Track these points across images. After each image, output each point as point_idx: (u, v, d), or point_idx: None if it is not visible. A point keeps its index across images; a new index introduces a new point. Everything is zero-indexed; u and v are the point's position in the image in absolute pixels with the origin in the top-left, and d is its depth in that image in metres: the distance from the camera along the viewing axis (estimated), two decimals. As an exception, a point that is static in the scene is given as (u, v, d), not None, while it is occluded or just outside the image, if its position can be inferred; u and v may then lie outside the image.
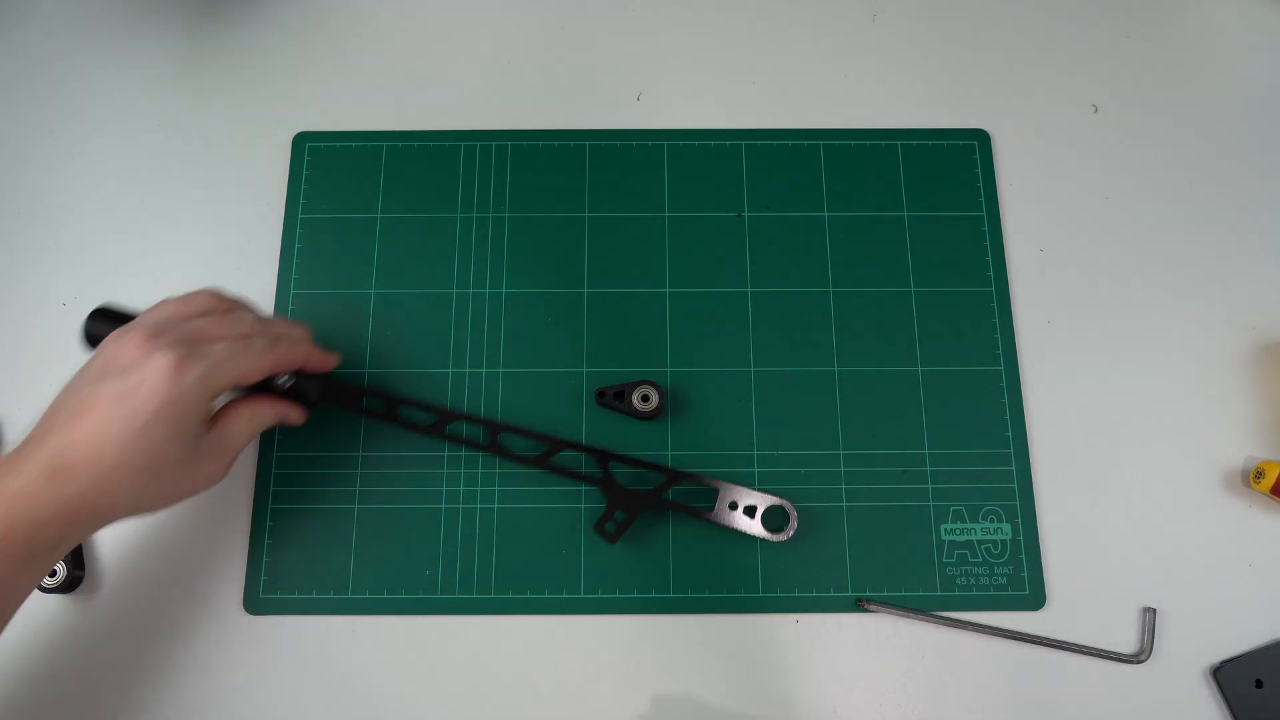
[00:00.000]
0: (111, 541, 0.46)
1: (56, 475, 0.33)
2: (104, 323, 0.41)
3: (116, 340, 0.36)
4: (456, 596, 0.45)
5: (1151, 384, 0.49)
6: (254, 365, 0.38)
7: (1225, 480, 0.47)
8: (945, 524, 0.46)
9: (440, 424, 0.46)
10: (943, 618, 0.45)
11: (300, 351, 0.41)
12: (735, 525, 0.44)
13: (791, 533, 0.44)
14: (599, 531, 0.44)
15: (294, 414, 0.42)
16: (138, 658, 0.44)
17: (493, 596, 0.45)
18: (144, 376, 0.34)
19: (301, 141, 0.53)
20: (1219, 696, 0.44)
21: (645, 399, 0.46)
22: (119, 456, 0.34)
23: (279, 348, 0.40)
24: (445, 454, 0.47)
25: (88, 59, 0.54)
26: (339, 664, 0.44)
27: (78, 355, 0.48)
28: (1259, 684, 0.43)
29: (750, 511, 0.45)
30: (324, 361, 0.43)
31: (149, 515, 0.38)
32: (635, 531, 0.45)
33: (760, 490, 0.45)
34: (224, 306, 0.40)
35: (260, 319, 0.41)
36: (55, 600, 0.45)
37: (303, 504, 0.46)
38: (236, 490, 0.46)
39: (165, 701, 0.43)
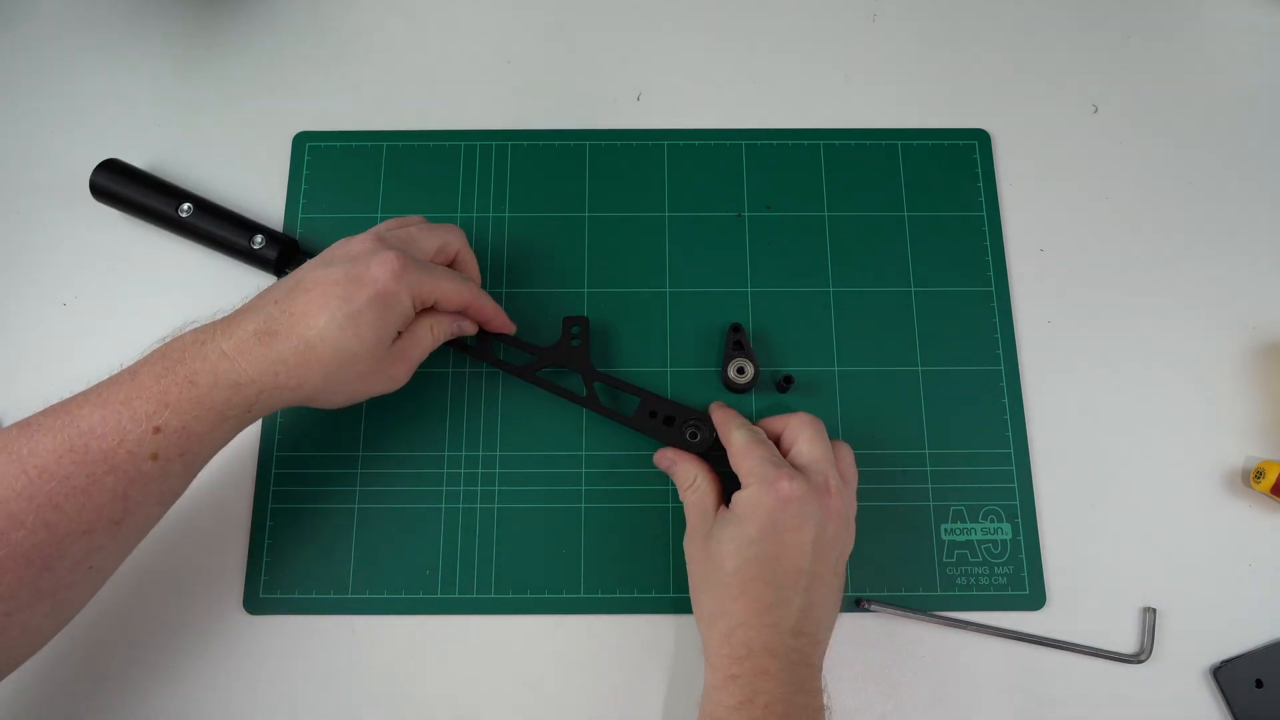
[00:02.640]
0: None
1: (265, 338, 0.36)
2: (111, 175, 0.48)
3: (345, 239, 0.41)
4: (456, 596, 0.45)
5: (1151, 384, 0.49)
6: (459, 293, 0.42)
7: (1225, 480, 0.47)
8: (945, 524, 0.46)
9: (533, 367, 0.47)
10: (943, 618, 0.45)
11: (491, 307, 0.44)
12: None
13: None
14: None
15: (468, 326, 0.45)
16: (138, 657, 0.44)
17: (493, 596, 0.45)
18: (370, 264, 0.38)
19: (302, 141, 0.53)
20: (1219, 696, 0.44)
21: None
22: (325, 330, 0.37)
23: (482, 295, 0.44)
24: (445, 454, 0.47)
25: (88, 59, 0.54)
26: (339, 664, 0.44)
27: (78, 355, 0.49)
28: (1259, 684, 0.43)
29: None
30: (504, 325, 0.45)
31: (327, 408, 0.41)
32: (636, 530, 0.46)
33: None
34: (430, 226, 0.44)
35: (464, 236, 0.45)
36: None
37: (303, 504, 0.46)
38: (236, 490, 0.46)
39: (165, 701, 0.43)
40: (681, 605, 0.45)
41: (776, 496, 0.38)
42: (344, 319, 0.37)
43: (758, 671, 0.37)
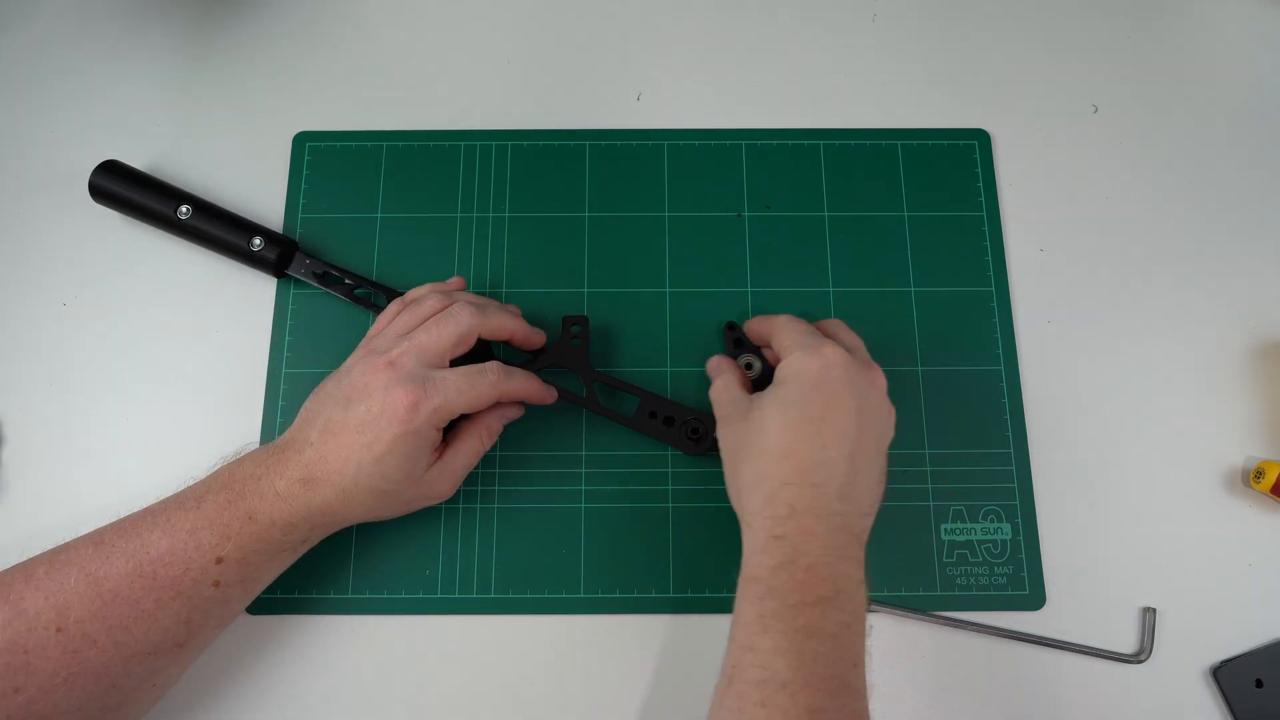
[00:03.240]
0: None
1: (308, 485, 0.38)
2: (109, 176, 0.48)
3: (363, 365, 0.40)
4: (456, 596, 0.45)
5: (1151, 384, 0.49)
6: (483, 398, 0.40)
7: (1225, 480, 0.47)
8: (945, 524, 0.46)
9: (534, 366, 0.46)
10: (943, 618, 0.45)
11: (526, 387, 0.43)
12: None
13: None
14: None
15: (513, 412, 0.44)
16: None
17: (493, 596, 0.45)
18: (383, 409, 0.38)
19: (302, 141, 0.53)
20: (1219, 696, 0.44)
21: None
22: (357, 477, 0.38)
23: (510, 382, 0.42)
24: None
25: (88, 60, 0.54)
26: (339, 664, 0.44)
27: (78, 355, 0.49)
28: (1259, 684, 0.43)
29: None
30: (544, 395, 0.44)
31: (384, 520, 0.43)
32: (636, 530, 0.46)
33: None
34: (445, 305, 0.42)
35: (475, 311, 0.42)
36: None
37: (303, 504, 0.46)
38: (236, 490, 0.46)
39: (165, 699, 0.43)
40: (681, 605, 0.45)
41: (821, 360, 0.39)
42: (371, 465, 0.38)
43: (801, 532, 0.36)
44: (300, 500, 0.38)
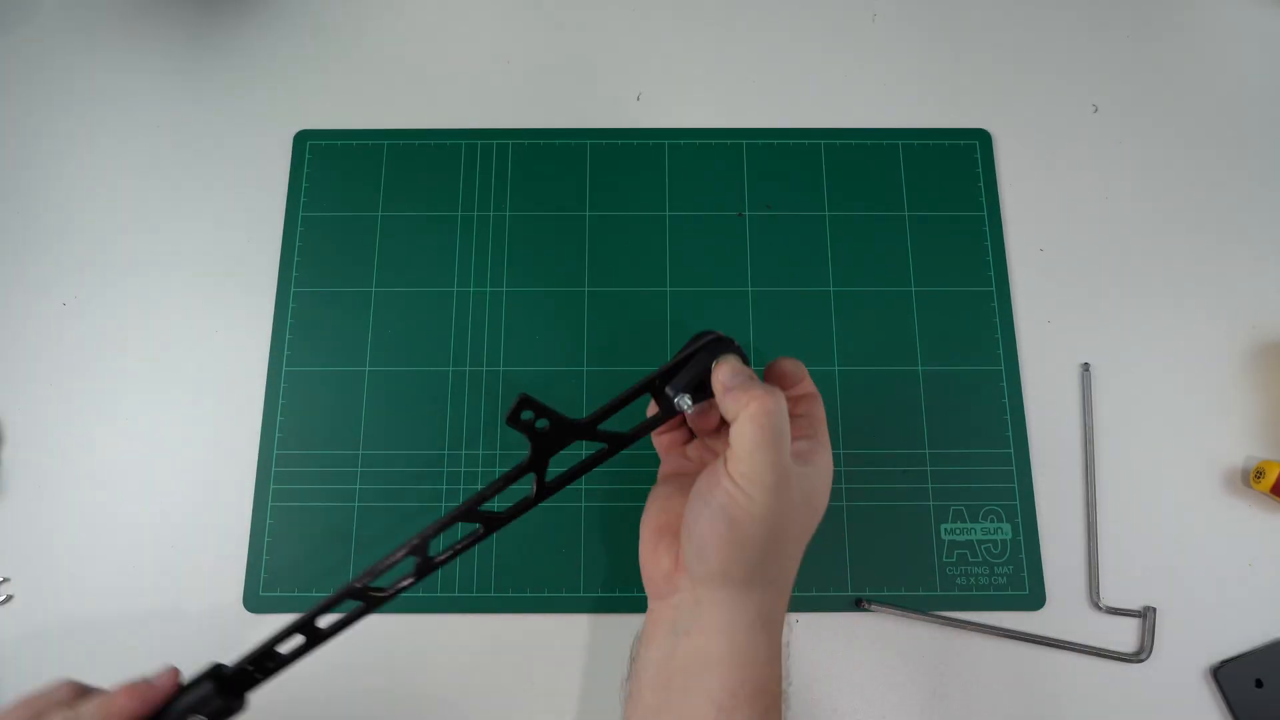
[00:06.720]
0: (114, 535, 0.46)
1: None
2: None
3: None
4: (456, 595, 0.45)
5: (1151, 384, 0.49)
6: None
7: (1225, 480, 0.47)
8: (945, 524, 0.46)
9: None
10: (943, 618, 0.45)
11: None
12: None
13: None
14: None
15: None
16: (138, 655, 0.44)
17: (493, 595, 0.45)
18: None
19: (303, 139, 0.53)
20: (1219, 696, 0.44)
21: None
22: None
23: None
24: (445, 453, 0.47)
25: (88, 59, 0.54)
26: (338, 662, 0.44)
27: (78, 355, 0.49)
28: (1259, 684, 0.43)
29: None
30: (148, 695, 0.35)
31: None
32: (635, 530, 0.46)
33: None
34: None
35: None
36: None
37: (303, 502, 0.46)
38: (236, 489, 0.46)
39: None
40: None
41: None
42: None
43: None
44: None
